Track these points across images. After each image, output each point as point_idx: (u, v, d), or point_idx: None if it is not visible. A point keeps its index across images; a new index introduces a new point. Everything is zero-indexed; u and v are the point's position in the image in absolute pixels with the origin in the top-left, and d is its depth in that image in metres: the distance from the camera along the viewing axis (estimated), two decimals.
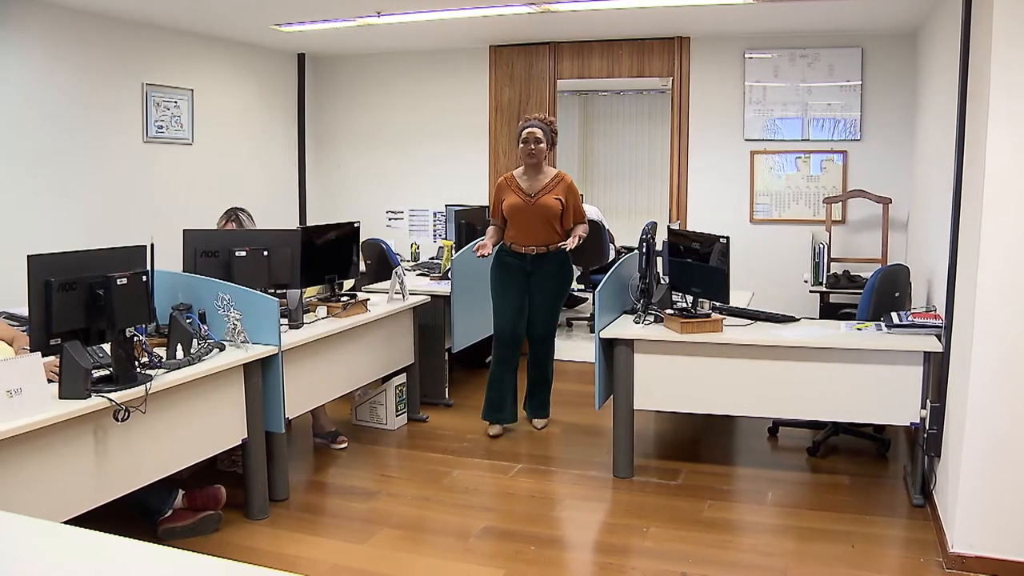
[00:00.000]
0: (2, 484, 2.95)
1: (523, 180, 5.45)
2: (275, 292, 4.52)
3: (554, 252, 5.43)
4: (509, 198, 5.43)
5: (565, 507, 4.55)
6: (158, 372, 3.61)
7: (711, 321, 4.65)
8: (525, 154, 5.39)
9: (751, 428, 5.59)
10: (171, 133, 6.82)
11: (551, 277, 5.47)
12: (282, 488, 4.45)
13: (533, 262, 5.42)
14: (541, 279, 5.45)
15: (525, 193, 5.39)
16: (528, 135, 5.38)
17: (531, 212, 5.36)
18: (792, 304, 5.99)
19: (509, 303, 5.47)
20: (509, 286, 5.47)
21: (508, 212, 5.43)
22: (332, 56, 8.38)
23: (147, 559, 1.93)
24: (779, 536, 4.08)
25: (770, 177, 7.18)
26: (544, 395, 5.77)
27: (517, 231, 5.43)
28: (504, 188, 5.50)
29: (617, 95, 11.38)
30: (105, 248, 3.70)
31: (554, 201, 5.35)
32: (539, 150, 5.37)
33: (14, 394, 3.00)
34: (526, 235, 5.40)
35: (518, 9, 6.01)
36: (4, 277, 4.60)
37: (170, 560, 1.92)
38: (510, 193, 5.44)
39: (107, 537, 2.01)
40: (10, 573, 1.85)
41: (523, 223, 5.39)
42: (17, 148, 5.62)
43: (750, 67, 7.12)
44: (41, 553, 1.98)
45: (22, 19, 5.57)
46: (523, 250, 5.42)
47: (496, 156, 7.77)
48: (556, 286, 5.52)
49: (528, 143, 5.37)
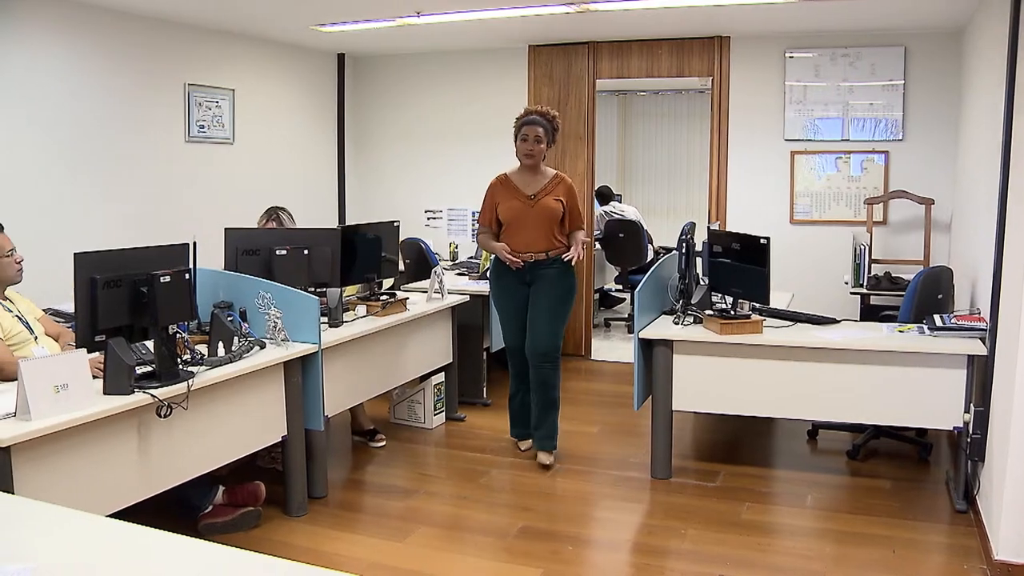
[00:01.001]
0: (49, 477, 3.00)
1: (520, 181, 5.02)
2: (315, 291, 4.54)
3: (554, 258, 4.97)
4: (506, 201, 4.99)
5: (603, 507, 4.55)
6: (200, 369, 3.65)
7: (751, 322, 4.62)
8: (523, 153, 4.96)
9: (790, 430, 5.55)
10: (212, 133, 6.88)
11: (552, 285, 4.97)
12: (321, 485, 4.48)
13: (532, 270, 4.97)
14: (541, 288, 4.98)
15: (524, 195, 4.96)
16: (528, 132, 4.94)
17: (531, 215, 4.93)
18: (832, 306, 5.93)
19: (512, 319, 5.09)
20: (509, 300, 5.08)
21: (505, 216, 4.98)
22: (372, 56, 8.42)
23: (188, 553, 1.96)
24: (818, 539, 4.04)
25: (810, 177, 7.12)
26: (551, 423, 5.07)
27: (514, 237, 4.97)
28: (498, 190, 5.06)
29: (656, 95, 11.35)
30: (149, 246, 3.74)
31: (555, 203, 4.95)
32: (539, 151, 4.94)
33: (60, 389, 3.05)
34: (525, 241, 4.95)
35: (557, 9, 6.00)
36: (50, 274, 4.67)
37: (210, 555, 1.95)
38: (506, 195, 5.00)
39: (150, 531, 2.04)
40: (58, 564, 1.88)
41: (521, 228, 4.95)
42: (65, 147, 5.70)
43: (791, 66, 7.06)
44: (87, 545, 2.01)
45: (70, 21, 5.65)
46: (521, 258, 4.96)
47: None
48: (558, 294, 4.99)
49: (528, 141, 4.93)
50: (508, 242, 4.96)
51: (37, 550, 1.95)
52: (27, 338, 3.96)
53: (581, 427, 5.77)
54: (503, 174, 5.09)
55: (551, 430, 5.07)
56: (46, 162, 5.57)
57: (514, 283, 5.03)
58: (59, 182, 5.66)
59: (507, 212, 4.98)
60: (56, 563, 1.89)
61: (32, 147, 5.48)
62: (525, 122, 4.96)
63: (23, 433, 2.88)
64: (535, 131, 4.92)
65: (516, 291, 5.04)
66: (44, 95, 5.57)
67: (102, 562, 1.92)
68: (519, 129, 4.96)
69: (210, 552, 1.95)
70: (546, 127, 4.95)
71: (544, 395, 5.03)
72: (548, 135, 4.97)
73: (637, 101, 11.51)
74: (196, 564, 1.91)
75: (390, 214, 6.24)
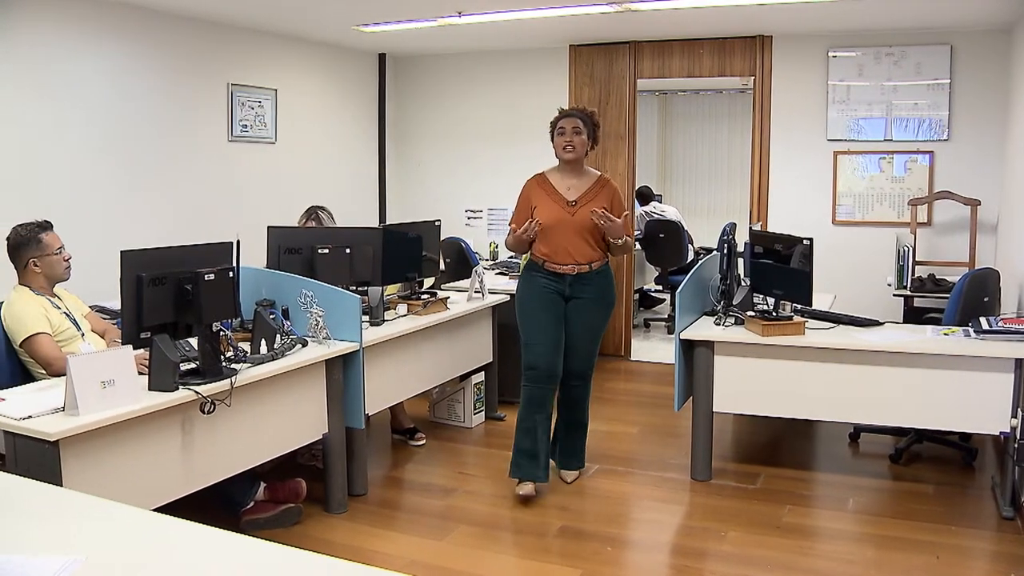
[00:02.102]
0: (96, 471, 3.05)
1: (560, 182, 4.55)
2: (356, 289, 4.57)
3: (597, 271, 4.53)
4: (544, 204, 4.51)
5: (642, 508, 4.54)
6: (243, 366, 3.69)
7: (793, 324, 4.58)
8: (560, 147, 4.51)
9: (831, 433, 5.50)
10: (255, 132, 6.95)
11: (594, 302, 4.55)
12: (361, 483, 4.51)
13: (572, 284, 4.50)
14: (582, 305, 4.53)
15: (564, 200, 4.50)
16: (565, 124, 4.51)
17: (572, 224, 4.46)
18: (874, 308, 5.86)
19: (545, 335, 4.50)
20: (544, 313, 4.51)
21: (545, 223, 4.47)
22: (412, 56, 8.45)
23: (233, 549, 1.98)
24: (860, 544, 4.00)
25: (853, 178, 7.06)
26: (579, 441, 4.81)
27: (553, 246, 4.49)
28: (535, 191, 4.58)
29: (696, 94, 11.29)
30: (193, 244, 3.78)
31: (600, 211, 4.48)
32: (579, 142, 4.48)
33: (107, 385, 3.09)
34: (565, 251, 4.48)
35: (599, 8, 5.99)
36: (96, 272, 4.73)
37: (255, 551, 1.96)
38: (544, 198, 4.53)
39: (195, 526, 2.06)
40: (107, 557, 1.91)
41: (561, 236, 4.47)
42: (112, 147, 5.79)
43: (834, 66, 6.99)
44: (134, 539, 2.04)
45: (116, 22, 5.73)
46: (560, 270, 4.49)
47: None
48: (599, 313, 4.59)
49: (565, 133, 4.49)
50: (546, 251, 4.52)
51: (86, 542, 1.98)
52: (74, 334, 4.03)
53: (621, 427, 5.76)
54: (540, 173, 4.64)
55: (578, 449, 4.81)
56: (94, 161, 5.66)
57: (550, 294, 4.53)
58: (106, 181, 5.74)
59: (545, 216, 4.49)
60: (105, 556, 1.91)
61: (81, 146, 5.57)
62: (561, 117, 4.58)
63: (71, 428, 2.93)
64: (572, 122, 4.50)
65: (551, 304, 4.53)
66: (94, 95, 5.66)
67: (149, 556, 1.94)
68: (555, 126, 4.57)
69: (255, 548, 1.97)
70: (585, 120, 4.53)
71: (575, 415, 4.75)
72: (588, 128, 4.53)
73: (677, 101, 11.46)
74: (241, 560, 1.93)
75: (430, 213, 6.26)
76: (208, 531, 2.04)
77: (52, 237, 4.05)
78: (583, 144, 4.51)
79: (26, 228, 4.02)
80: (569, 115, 4.56)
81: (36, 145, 5.28)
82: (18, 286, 4.01)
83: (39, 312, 3.91)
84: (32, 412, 3.03)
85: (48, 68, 5.32)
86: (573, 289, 4.52)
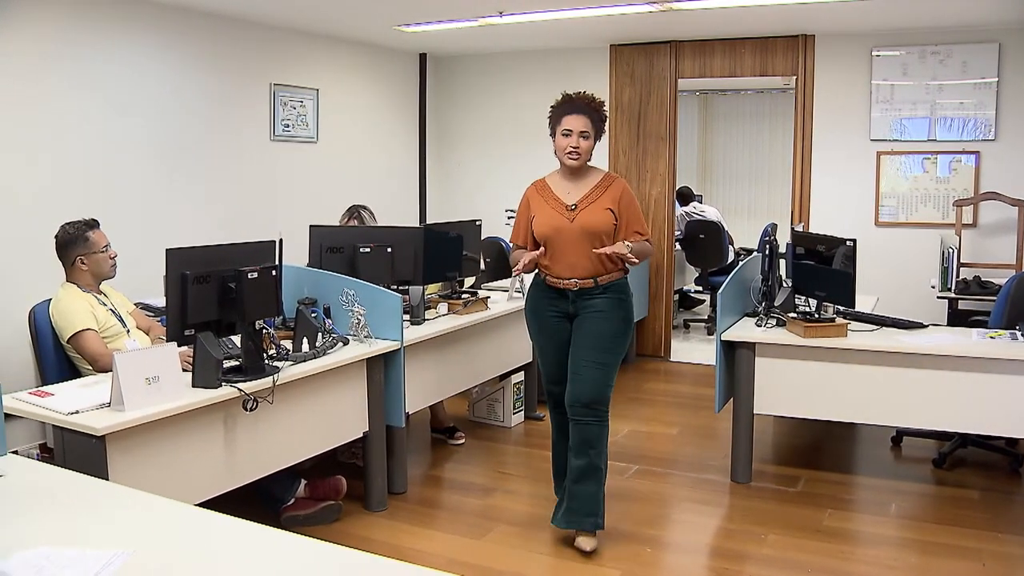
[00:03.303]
0: (141, 466, 3.10)
1: (559, 187, 3.99)
2: (398, 288, 4.59)
3: (606, 286, 3.91)
4: (542, 213, 3.95)
5: (682, 510, 4.52)
6: (285, 364, 3.72)
7: (835, 326, 4.54)
8: (564, 151, 3.91)
9: (873, 436, 5.44)
10: (297, 132, 7.00)
11: (601, 320, 3.89)
12: (400, 481, 4.53)
13: (576, 301, 3.92)
14: (586, 324, 3.90)
15: (563, 205, 3.92)
16: (572, 124, 3.87)
17: (572, 231, 3.87)
18: (918, 310, 5.80)
19: (552, 360, 4.03)
20: (547, 338, 4.02)
21: (541, 232, 3.92)
22: (453, 56, 8.47)
23: (276, 545, 2.01)
24: (903, 549, 3.96)
25: (896, 179, 6.98)
26: (589, 496, 3.89)
27: (553, 258, 3.92)
28: (534, 199, 4.03)
29: (737, 94, 11.23)
30: (237, 243, 3.82)
31: (603, 214, 3.89)
32: (586, 147, 3.89)
33: (152, 381, 3.14)
34: (566, 263, 3.89)
35: (640, 8, 5.97)
36: (142, 269, 4.81)
37: (295, 546, 1.99)
38: (542, 206, 3.97)
39: (237, 521, 2.10)
40: (154, 550, 1.94)
41: (562, 246, 3.89)
42: (158, 146, 5.86)
43: (877, 65, 6.92)
44: (179, 533, 2.07)
45: (163, 23, 5.80)
46: (561, 284, 3.91)
47: (616, 156, 7.73)
48: (608, 331, 3.89)
49: (572, 136, 3.88)
50: (547, 263, 3.95)
51: (132, 535, 2.01)
52: (120, 331, 4.08)
53: (660, 428, 5.75)
54: (540, 179, 4.09)
55: (591, 505, 3.90)
56: (140, 160, 5.73)
57: (552, 315, 3.99)
58: (151, 179, 5.80)
59: (543, 227, 3.92)
60: (151, 549, 1.95)
61: (128, 145, 5.64)
62: (566, 111, 3.90)
63: (117, 423, 2.98)
64: (580, 122, 3.87)
65: (555, 326, 3.99)
66: (141, 95, 5.73)
67: (194, 550, 1.97)
68: (558, 120, 3.92)
69: (298, 544, 1.99)
70: (593, 118, 3.90)
71: (583, 458, 3.88)
72: (595, 129, 3.91)
73: (718, 101, 11.40)
74: (285, 556, 1.95)
75: (470, 213, 6.27)
76: (251, 527, 2.07)
77: (99, 235, 4.11)
78: (590, 148, 3.92)
79: (74, 226, 4.08)
80: (577, 111, 3.88)
81: (84, 144, 5.35)
82: (66, 283, 4.07)
83: (86, 309, 3.97)
84: (79, 407, 3.08)
85: (96, 68, 5.40)
86: (577, 307, 3.93)
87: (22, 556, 1.87)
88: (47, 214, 4.55)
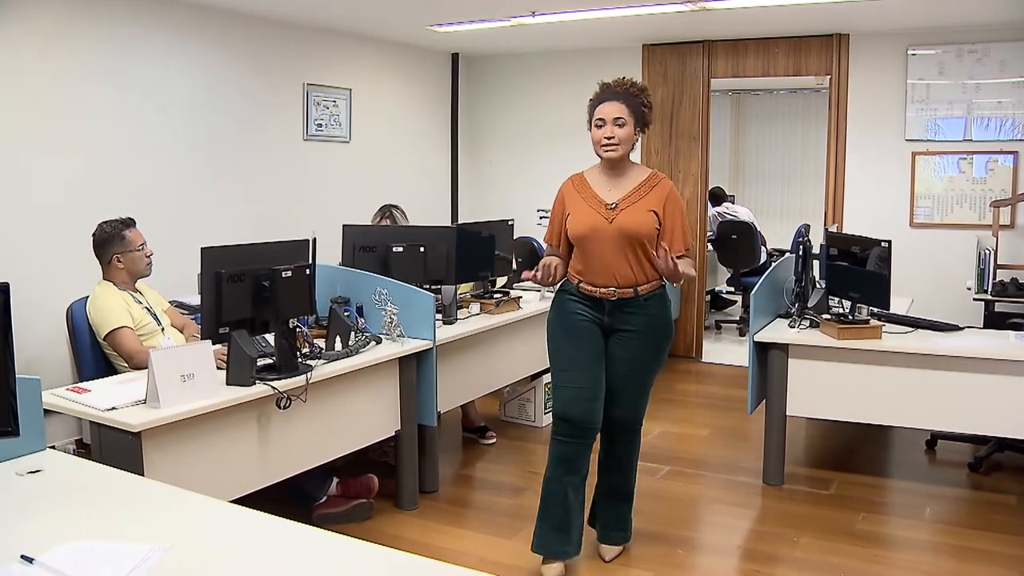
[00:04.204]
0: (175, 462, 3.12)
1: (599, 184, 3.62)
2: (430, 287, 4.60)
3: (646, 297, 3.55)
4: (578, 210, 3.59)
5: (713, 512, 4.50)
6: (318, 363, 3.73)
7: (870, 327, 4.50)
8: (599, 143, 3.53)
9: (907, 439, 5.39)
10: (330, 131, 7.03)
11: (645, 336, 3.57)
12: (432, 480, 4.54)
13: (613, 313, 3.56)
14: (627, 339, 3.56)
15: (602, 203, 3.56)
16: (605, 112, 3.51)
17: (610, 234, 3.50)
18: (953, 312, 5.75)
19: (579, 374, 3.56)
20: (578, 351, 3.58)
21: (576, 231, 3.56)
22: (485, 55, 8.48)
23: (308, 541, 2.02)
24: (937, 554, 3.92)
25: (932, 179, 6.90)
26: (624, 511, 3.84)
27: (589, 262, 3.56)
28: (569, 195, 3.67)
29: (770, 94, 11.17)
30: (271, 242, 3.84)
31: (645, 216, 3.50)
32: (624, 135, 3.49)
33: (187, 379, 3.16)
34: (603, 269, 3.53)
35: (673, 8, 5.95)
36: (175, 268, 4.85)
37: (327, 544, 2.01)
38: (579, 203, 3.60)
39: (271, 518, 2.11)
40: (190, 546, 1.96)
41: (598, 250, 3.52)
42: (194, 146, 5.91)
43: (913, 64, 6.85)
44: (215, 529, 2.09)
45: (199, 24, 5.85)
46: (597, 293, 3.55)
47: (648, 155, 7.70)
48: (649, 350, 3.60)
49: (605, 125, 3.50)
50: (581, 268, 3.60)
51: (168, 530, 2.03)
52: (155, 329, 4.13)
53: (691, 429, 5.73)
54: (578, 174, 3.73)
55: (622, 518, 3.84)
56: (176, 159, 5.78)
57: (585, 325, 3.59)
58: (186, 179, 5.86)
59: (579, 226, 3.56)
60: (188, 545, 1.96)
61: (164, 145, 5.69)
62: (598, 101, 3.57)
63: (152, 420, 3.00)
64: (613, 108, 3.50)
65: (587, 338, 3.58)
66: (177, 95, 5.78)
67: (230, 546, 1.99)
68: (591, 112, 3.59)
69: (331, 542, 2.00)
70: (631, 103, 3.51)
71: (619, 480, 3.78)
72: (635, 115, 3.52)
73: (751, 101, 11.34)
74: (318, 553, 1.97)
75: (502, 213, 6.28)
76: (286, 524, 2.08)
77: (135, 234, 4.15)
78: (629, 137, 3.52)
79: (111, 225, 4.13)
80: (609, 98, 3.53)
81: (121, 144, 5.41)
82: (102, 281, 4.12)
83: (122, 307, 4.01)
84: (116, 404, 3.10)
85: (134, 67, 5.45)
86: (614, 319, 3.56)
87: (61, 549, 1.89)
88: (84, 212, 4.61)
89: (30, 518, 2.11)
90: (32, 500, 2.23)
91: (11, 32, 4.81)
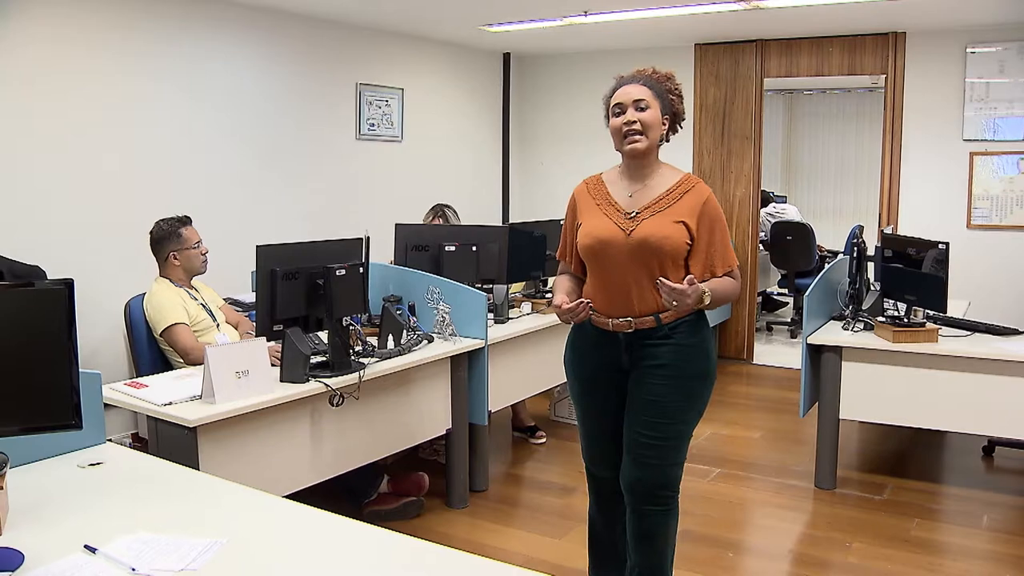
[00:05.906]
0: (230, 457, 3.17)
1: (619, 188, 2.98)
2: (482, 287, 4.61)
3: (672, 326, 2.84)
4: (590, 219, 2.95)
5: (764, 515, 4.46)
6: (370, 361, 3.76)
7: (926, 331, 4.44)
8: (619, 133, 2.92)
9: (962, 445, 5.30)
10: (382, 131, 7.07)
11: (667, 369, 2.84)
12: (482, 479, 4.56)
13: (632, 347, 2.89)
14: (649, 373, 2.85)
15: (620, 211, 2.90)
16: (622, 97, 2.92)
17: (628, 249, 2.82)
18: (1011, 315, 5.63)
19: (596, 421, 3.04)
20: (592, 400, 3.04)
21: (586, 246, 2.92)
22: (536, 55, 8.48)
23: (358, 538, 2.04)
24: (995, 564, 3.84)
25: (990, 180, 6.78)
26: None
27: (601, 285, 2.92)
28: (582, 201, 3.05)
29: (823, 93, 11.04)
30: (325, 240, 3.88)
31: (672, 228, 2.82)
32: (649, 120, 2.87)
33: (242, 375, 3.20)
34: (617, 294, 2.86)
35: (726, 7, 5.90)
36: (230, 265, 4.91)
37: (379, 540, 2.03)
38: (592, 209, 2.97)
39: (325, 514, 2.14)
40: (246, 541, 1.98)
41: (611, 269, 2.87)
42: (250, 145, 5.98)
43: (972, 62, 6.73)
44: (270, 524, 2.12)
45: (253, 24, 5.92)
46: (610, 326, 2.89)
47: (700, 156, 7.65)
48: (677, 385, 2.84)
49: (624, 112, 2.91)
50: (593, 292, 2.93)
51: (226, 524, 2.06)
52: (210, 325, 4.18)
53: (742, 432, 5.68)
54: (595, 175, 3.13)
55: None
56: (231, 158, 5.85)
57: (600, 370, 2.98)
58: (241, 178, 5.93)
59: (588, 238, 2.91)
60: (245, 539, 1.99)
61: (219, 144, 5.76)
62: (618, 86, 3.00)
63: (208, 415, 3.05)
64: (633, 90, 2.92)
65: (603, 385, 2.98)
66: (233, 95, 5.85)
67: (285, 541, 2.01)
68: (607, 102, 3.03)
69: (383, 538, 2.03)
70: (654, 88, 2.93)
71: (644, 556, 2.97)
72: (660, 101, 2.91)
73: (803, 100, 11.22)
74: (370, 549, 1.99)
75: (553, 212, 6.25)
76: (339, 520, 2.11)
77: (191, 231, 4.22)
78: (655, 122, 2.89)
79: (167, 222, 4.20)
80: (627, 83, 2.97)
81: (178, 143, 5.49)
82: (159, 278, 4.19)
83: (178, 303, 4.08)
84: (172, 399, 3.16)
85: (190, 67, 5.53)
86: (633, 355, 2.89)
87: (122, 541, 1.93)
88: (142, 210, 4.69)
89: (92, 509, 2.16)
90: (93, 492, 2.28)
91: (92, 37, 4.90)
